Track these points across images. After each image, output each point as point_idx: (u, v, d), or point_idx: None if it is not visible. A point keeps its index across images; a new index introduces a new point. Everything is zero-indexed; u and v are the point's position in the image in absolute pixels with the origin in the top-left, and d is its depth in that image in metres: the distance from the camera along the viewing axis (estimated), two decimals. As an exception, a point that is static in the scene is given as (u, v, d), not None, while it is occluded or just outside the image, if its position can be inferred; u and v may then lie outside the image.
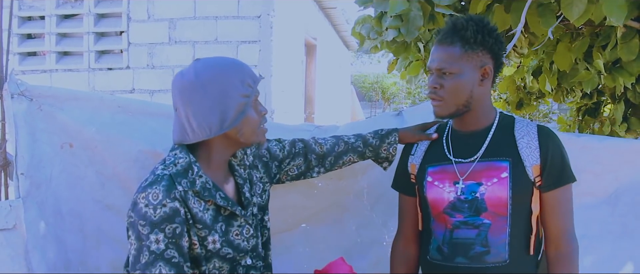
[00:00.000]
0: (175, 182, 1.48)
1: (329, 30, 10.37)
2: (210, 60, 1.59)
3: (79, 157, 1.96)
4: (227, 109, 1.53)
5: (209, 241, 1.54)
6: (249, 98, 1.57)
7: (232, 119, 1.54)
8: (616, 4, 2.29)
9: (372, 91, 22.76)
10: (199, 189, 1.52)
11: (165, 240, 1.45)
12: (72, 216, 1.96)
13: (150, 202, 1.45)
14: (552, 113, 11.17)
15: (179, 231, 1.46)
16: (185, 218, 1.49)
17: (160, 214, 1.44)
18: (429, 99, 1.75)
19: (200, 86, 1.53)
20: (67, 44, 6.16)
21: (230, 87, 1.54)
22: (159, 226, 1.44)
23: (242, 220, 1.62)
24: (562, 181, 1.70)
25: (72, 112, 1.95)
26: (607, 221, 2.18)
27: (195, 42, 5.90)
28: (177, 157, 1.54)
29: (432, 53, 1.73)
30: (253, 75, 1.61)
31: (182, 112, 1.55)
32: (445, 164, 1.76)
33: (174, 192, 1.47)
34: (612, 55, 3.20)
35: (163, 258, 1.44)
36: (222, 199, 1.57)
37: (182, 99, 1.55)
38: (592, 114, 4.91)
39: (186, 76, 1.56)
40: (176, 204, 1.46)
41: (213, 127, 1.53)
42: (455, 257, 1.70)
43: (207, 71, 1.55)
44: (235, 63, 1.60)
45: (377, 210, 2.21)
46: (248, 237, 1.63)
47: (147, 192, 1.46)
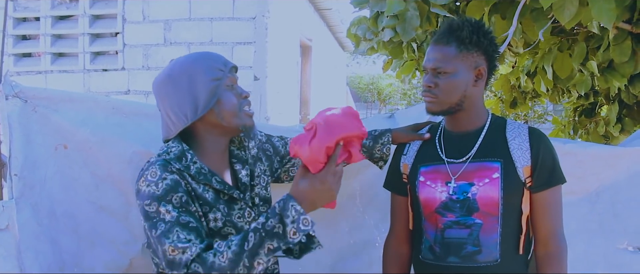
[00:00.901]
0: (171, 162, 1.52)
1: (324, 31, 10.37)
2: (182, 57, 1.65)
3: (73, 159, 1.96)
4: (198, 93, 1.57)
5: (211, 218, 1.55)
6: (220, 81, 1.60)
7: (204, 102, 1.58)
8: (605, 7, 2.31)
9: (368, 92, 22.76)
10: (194, 174, 1.54)
11: (175, 209, 1.46)
12: (66, 217, 1.96)
13: (150, 180, 1.48)
14: (547, 114, 11.21)
15: (185, 199, 1.48)
16: (186, 189, 1.50)
17: (163, 187, 1.47)
18: (423, 97, 1.76)
19: (170, 80, 1.59)
20: (62, 45, 6.14)
21: (197, 74, 1.58)
22: (165, 198, 1.46)
23: (242, 203, 1.63)
24: (552, 182, 1.72)
25: (67, 114, 1.95)
26: (586, 218, 2.24)
27: (190, 44, 5.89)
28: (170, 147, 1.58)
29: (427, 53, 1.76)
30: (224, 60, 1.64)
31: (162, 109, 1.62)
32: (438, 164, 1.78)
33: (170, 167, 1.50)
34: (605, 57, 3.22)
35: (179, 223, 1.44)
36: (218, 183, 1.58)
37: (159, 97, 1.62)
38: (588, 115, 4.94)
39: (160, 75, 1.63)
40: (175, 176, 1.49)
41: (188, 113, 1.57)
42: (448, 256, 1.71)
43: (177, 66, 1.61)
44: (204, 54, 1.65)
45: (370, 212, 2.22)
46: (251, 220, 1.64)
47: (145, 174, 1.50)
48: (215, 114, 1.60)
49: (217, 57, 1.64)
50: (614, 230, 2.25)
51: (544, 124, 10.98)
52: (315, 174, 1.44)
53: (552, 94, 4.82)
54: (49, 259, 1.91)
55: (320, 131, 1.43)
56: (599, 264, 2.25)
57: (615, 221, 2.25)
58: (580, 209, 2.23)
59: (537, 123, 11.25)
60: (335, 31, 11.30)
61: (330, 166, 1.44)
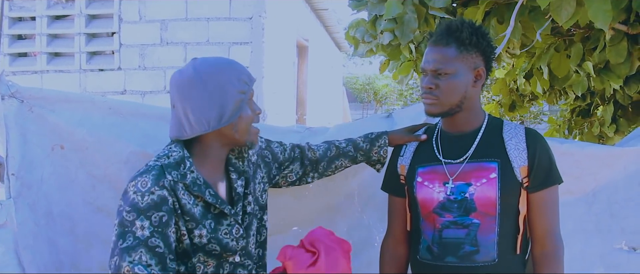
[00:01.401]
0: (166, 171, 1.50)
1: (320, 31, 10.37)
2: (208, 58, 1.62)
3: (70, 159, 1.95)
4: (226, 103, 1.56)
5: (196, 234, 1.55)
6: (246, 95, 1.60)
7: (230, 114, 1.57)
8: (602, 8, 2.33)
9: (364, 93, 22.78)
10: (189, 183, 1.53)
11: (150, 228, 1.45)
12: (63, 218, 1.96)
13: (139, 189, 1.47)
14: (542, 114, 11.25)
15: (165, 219, 1.47)
16: (173, 208, 1.50)
17: (148, 201, 1.46)
18: (422, 99, 1.76)
19: (199, 81, 1.55)
20: (58, 45, 6.13)
21: (228, 83, 1.56)
22: (145, 213, 1.45)
23: (232, 219, 1.62)
24: (548, 182, 1.73)
25: (63, 114, 1.94)
26: (583, 218, 2.25)
27: (186, 44, 5.89)
28: (171, 150, 1.57)
29: (426, 54, 1.75)
30: (248, 73, 1.64)
31: (179, 108, 1.57)
32: (435, 164, 1.78)
33: (163, 181, 1.49)
34: (601, 58, 3.23)
35: (146, 245, 1.44)
36: (211, 197, 1.57)
37: (180, 95, 1.57)
38: (585, 115, 4.96)
39: (185, 72, 1.59)
40: (164, 192, 1.48)
41: (211, 121, 1.55)
42: (445, 256, 1.72)
43: (205, 68, 1.58)
44: (231, 61, 1.63)
45: (368, 211, 2.22)
46: (237, 237, 1.63)
47: (137, 180, 1.48)
48: (233, 126, 1.59)
49: (244, 69, 1.63)
50: (611, 230, 2.26)
51: (539, 124, 11.01)
52: None
53: (550, 95, 4.83)
54: (46, 260, 1.90)
55: (322, 262, 1.52)
56: (596, 264, 2.26)
57: (612, 220, 2.26)
58: (577, 209, 2.24)
59: (533, 123, 11.28)
60: (331, 31, 11.30)
61: None
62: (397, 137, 1.96)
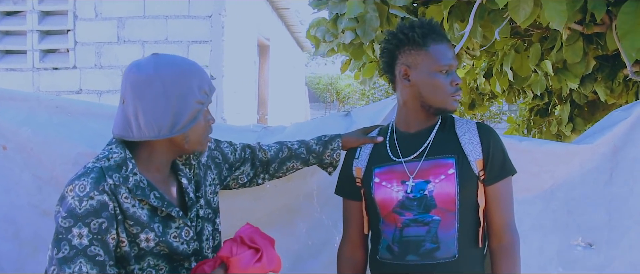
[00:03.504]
0: (106, 174, 1.41)
1: (282, 31, 10.33)
2: (171, 58, 1.52)
3: (14, 160, 1.88)
4: (182, 112, 1.47)
5: (142, 238, 1.46)
6: (203, 106, 1.52)
7: (183, 123, 1.48)
8: (557, 9, 2.37)
9: (327, 92, 22.83)
10: (132, 187, 1.45)
11: (89, 235, 1.36)
12: (6, 222, 1.89)
13: (77, 194, 1.37)
14: (502, 113, 11.47)
15: (105, 226, 1.39)
16: (113, 213, 1.41)
17: (87, 207, 1.37)
18: (455, 96, 1.75)
19: (157, 82, 1.45)
20: (9, 42, 5.93)
21: (188, 91, 1.47)
22: (84, 220, 1.36)
23: (180, 222, 1.55)
24: (503, 173, 1.75)
25: (7, 113, 1.88)
26: (541, 215, 2.27)
27: (144, 42, 5.77)
28: (112, 152, 1.47)
29: (446, 51, 1.73)
30: (210, 83, 1.56)
31: (130, 105, 1.47)
32: (392, 164, 1.77)
33: (103, 185, 1.39)
34: (558, 58, 3.29)
35: (85, 255, 1.35)
36: (156, 200, 1.49)
37: (134, 92, 1.46)
38: (543, 114, 5.06)
39: (144, 68, 1.47)
40: (104, 197, 1.39)
41: (163, 129, 1.46)
42: (406, 255, 1.71)
43: (167, 69, 1.47)
44: (195, 67, 1.54)
45: (327, 211, 2.20)
46: (188, 240, 1.56)
47: (75, 184, 1.39)
48: (184, 136, 1.52)
49: (206, 77, 1.55)
50: (568, 226, 2.29)
51: (499, 123, 11.21)
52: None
53: (509, 94, 4.92)
54: (-14, 266, 1.82)
55: (265, 259, 1.52)
56: (554, 260, 2.29)
57: (569, 217, 2.29)
58: (535, 206, 2.26)
59: (493, 123, 11.48)
60: (293, 31, 11.28)
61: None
62: (351, 140, 1.93)
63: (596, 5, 2.56)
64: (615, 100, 4.00)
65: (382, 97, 15.91)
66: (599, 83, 3.77)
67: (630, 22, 2.33)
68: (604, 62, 3.70)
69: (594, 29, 2.96)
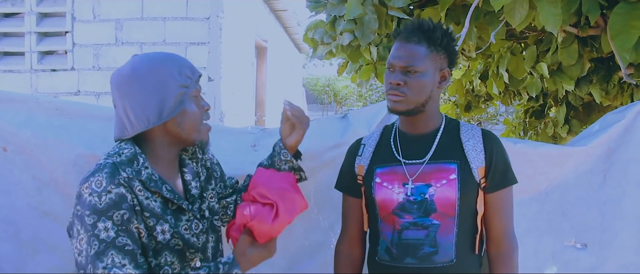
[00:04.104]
0: (119, 168, 1.45)
1: (280, 32, 10.34)
2: (147, 54, 1.57)
3: (13, 162, 1.89)
4: (165, 98, 1.51)
5: (158, 231, 1.49)
6: (188, 89, 1.55)
7: (170, 108, 1.52)
8: (552, 12, 2.39)
9: (324, 94, 22.81)
10: (145, 180, 1.49)
11: (114, 227, 1.40)
12: (6, 223, 1.89)
13: (94, 190, 1.41)
14: (499, 115, 11.47)
15: (127, 216, 1.42)
16: (132, 204, 1.44)
17: (106, 201, 1.40)
18: (388, 95, 1.73)
19: (136, 78, 1.51)
20: (7, 43, 5.92)
21: (167, 77, 1.52)
22: (106, 214, 1.40)
23: (190, 214, 1.58)
24: (505, 182, 1.75)
25: (6, 115, 1.89)
26: (535, 217, 2.29)
27: (142, 44, 5.77)
28: (122, 148, 1.51)
29: (396, 49, 1.72)
30: (191, 67, 1.59)
31: (120, 106, 1.53)
32: (394, 165, 1.77)
33: (118, 178, 1.43)
34: (553, 60, 3.31)
35: (115, 246, 1.39)
36: (168, 192, 1.53)
37: (119, 93, 1.52)
38: (538, 116, 5.08)
39: (123, 70, 1.54)
40: (121, 189, 1.43)
41: (151, 117, 1.51)
42: (405, 258, 1.71)
43: (144, 63, 1.53)
44: (172, 55, 1.58)
45: (324, 213, 2.21)
46: (198, 232, 1.59)
47: (90, 181, 1.42)
48: (177, 123, 1.54)
49: (185, 63, 1.58)
50: (562, 228, 2.31)
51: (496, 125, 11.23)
52: (265, 244, 1.57)
53: (504, 96, 4.94)
54: (-13, 267, 1.83)
55: (282, 211, 1.54)
56: (549, 262, 2.31)
57: (564, 219, 2.31)
58: (530, 208, 2.28)
59: (490, 124, 11.49)
60: (291, 33, 11.28)
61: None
62: (284, 131, 1.79)
63: (591, 8, 2.58)
64: (610, 102, 4.03)
65: (379, 99, 15.91)
66: (594, 85, 3.79)
67: (622, 23, 2.36)
68: (599, 65, 3.73)
69: (589, 31, 2.98)
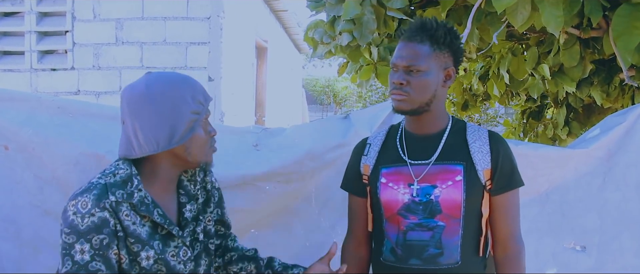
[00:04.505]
0: (109, 191, 1.44)
1: (280, 33, 10.34)
2: (162, 74, 1.55)
3: (15, 160, 1.88)
4: (177, 124, 1.50)
5: (143, 257, 1.48)
6: (200, 116, 1.54)
7: (181, 135, 1.50)
8: (554, 14, 2.39)
9: (324, 95, 22.82)
10: (136, 203, 1.47)
11: (91, 251, 1.40)
12: (7, 222, 1.89)
13: (79, 210, 1.40)
14: (499, 117, 11.49)
15: (106, 242, 1.42)
16: (114, 230, 1.43)
17: (88, 224, 1.40)
18: (391, 95, 1.72)
19: (150, 99, 1.49)
20: (7, 43, 5.92)
21: (181, 102, 1.50)
22: (85, 236, 1.40)
23: (179, 241, 1.56)
24: (511, 185, 1.74)
25: (8, 113, 1.88)
26: (536, 218, 2.29)
27: (143, 43, 5.77)
28: (118, 168, 1.50)
29: (399, 50, 1.72)
30: (204, 93, 1.58)
31: (129, 125, 1.51)
32: (400, 165, 1.76)
33: (104, 202, 1.42)
34: (555, 61, 3.31)
35: (87, 270, 1.40)
36: (159, 217, 1.51)
37: (130, 111, 1.50)
38: (536, 117, 5.09)
39: (136, 88, 1.52)
40: (105, 214, 1.42)
41: (161, 142, 1.49)
42: (410, 259, 1.71)
43: (159, 84, 1.51)
44: (187, 79, 1.56)
45: (325, 214, 2.21)
46: (185, 260, 1.57)
47: (77, 200, 1.42)
48: (185, 148, 1.53)
49: (199, 88, 1.57)
50: (563, 230, 2.31)
51: (496, 126, 11.23)
52: None
53: (502, 97, 4.94)
54: (-12, 266, 1.83)
55: None
56: (549, 263, 2.31)
57: (564, 220, 2.31)
58: (531, 209, 2.28)
59: (490, 126, 11.50)
60: (291, 33, 11.28)
61: None
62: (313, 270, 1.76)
63: (593, 10, 2.59)
64: (611, 104, 4.03)
65: (379, 99, 15.91)
66: (595, 87, 3.79)
67: (624, 24, 2.37)
68: (601, 66, 3.73)
69: (591, 33, 2.99)
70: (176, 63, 5.70)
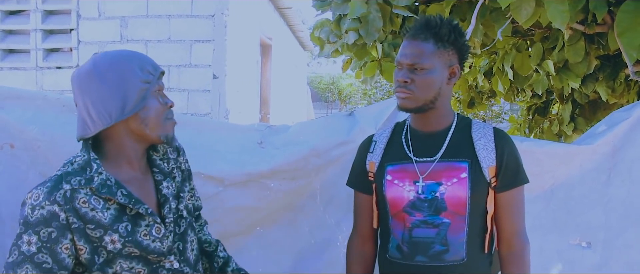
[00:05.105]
0: (64, 181, 1.44)
1: (284, 30, 10.33)
2: (108, 52, 1.57)
3: (21, 158, 1.89)
4: (128, 93, 1.50)
5: (107, 241, 1.47)
6: (150, 84, 1.54)
7: (132, 104, 1.50)
8: (559, 9, 2.38)
9: (328, 92, 22.82)
10: (97, 187, 1.46)
11: (38, 243, 1.41)
12: (13, 220, 1.87)
13: (31, 203, 1.43)
14: (504, 113, 11.47)
15: (54, 235, 1.42)
16: (66, 223, 1.43)
17: (37, 216, 1.42)
18: (396, 93, 1.73)
19: (98, 74, 1.49)
20: (12, 41, 5.94)
21: (129, 73, 1.50)
22: (34, 228, 1.41)
23: (150, 219, 1.53)
24: (516, 182, 1.74)
25: (14, 112, 1.89)
26: (541, 215, 2.29)
27: (147, 41, 5.78)
28: (76, 156, 1.52)
29: (403, 47, 1.72)
30: (154, 64, 1.58)
31: (81, 104, 1.52)
32: (405, 163, 1.76)
33: (55, 195, 1.42)
34: (560, 57, 3.30)
35: (32, 261, 1.41)
36: (123, 197, 1.49)
37: (80, 91, 1.52)
38: (542, 113, 5.07)
39: (84, 68, 1.53)
40: (55, 207, 1.42)
41: (113, 113, 1.49)
42: (415, 256, 1.71)
43: (105, 60, 1.52)
44: (133, 52, 1.58)
45: (330, 211, 2.21)
46: (160, 237, 1.54)
47: (33, 192, 1.44)
48: (140, 119, 1.53)
49: (147, 59, 1.57)
50: (567, 226, 2.31)
51: (501, 123, 11.21)
52: None
53: (508, 93, 4.93)
54: (-6, 264, 1.83)
55: None
56: (553, 260, 2.30)
57: (569, 217, 2.30)
58: (536, 206, 2.28)
59: (494, 123, 11.47)
60: (295, 30, 11.26)
61: None
62: None
63: (597, 6, 2.58)
64: (617, 100, 4.02)
65: (384, 97, 15.89)
66: (600, 83, 3.78)
67: (629, 20, 2.36)
68: (606, 62, 3.71)
69: (596, 28, 2.98)
70: (180, 60, 5.71)
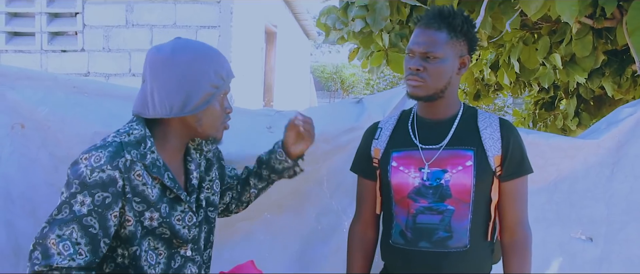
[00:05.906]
0: (124, 150, 1.45)
1: (289, 18, 10.31)
2: (191, 42, 1.56)
3: (31, 139, 1.90)
4: (193, 93, 1.51)
5: (147, 216, 1.50)
6: (218, 90, 1.55)
7: (195, 105, 1.52)
8: (568, 3, 2.38)
9: (331, 81, 22.79)
10: (149, 164, 1.48)
11: (90, 206, 1.40)
12: (23, 199, 1.90)
13: (90, 164, 1.41)
14: (507, 107, 11.45)
15: (108, 201, 1.42)
16: (121, 191, 1.44)
17: (95, 179, 1.41)
18: (407, 81, 1.74)
19: (172, 64, 1.50)
20: (17, 24, 5.93)
21: (202, 74, 1.51)
22: (90, 190, 1.40)
23: (186, 206, 1.58)
24: (520, 171, 1.77)
25: (24, 92, 1.89)
26: (544, 207, 2.30)
27: (153, 26, 5.76)
28: (133, 128, 1.51)
29: (416, 36, 1.73)
30: (228, 69, 1.59)
31: (148, 84, 1.52)
32: (411, 149, 1.78)
33: (117, 161, 1.43)
34: (567, 51, 3.30)
35: (80, 223, 1.39)
36: (169, 180, 1.53)
37: (151, 72, 1.52)
38: (548, 108, 5.07)
39: (162, 50, 1.53)
40: (116, 173, 1.42)
41: (174, 107, 1.50)
42: (419, 242, 1.73)
43: (184, 52, 1.52)
44: (214, 52, 1.57)
45: (337, 197, 2.22)
46: (190, 225, 1.59)
47: (92, 154, 1.43)
48: (197, 118, 1.55)
49: (224, 64, 1.58)
50: (570, 219, 2.32)
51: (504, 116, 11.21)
52: None
53: (514, 87, 4.93)
54: (3, 243, 1.85)
55: None
56: (556, 252, 2.32)
57: (571, 210, 2.31)
58: (539, 198, 2.28)
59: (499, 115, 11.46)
60: (300, 19, 11.25)
61: None
62: (289, 143, 1.82)
63: (607, 0, 2.57)
64: (623, 95, 4.01)
65: (387, 87, 15.85)
66: (606, 78, 3.77)
67: (640, 19, 2.35)
68: (613, 57, 3.71)
69: (604, 23, 2.97)
70: (186, 46, 5.69)
